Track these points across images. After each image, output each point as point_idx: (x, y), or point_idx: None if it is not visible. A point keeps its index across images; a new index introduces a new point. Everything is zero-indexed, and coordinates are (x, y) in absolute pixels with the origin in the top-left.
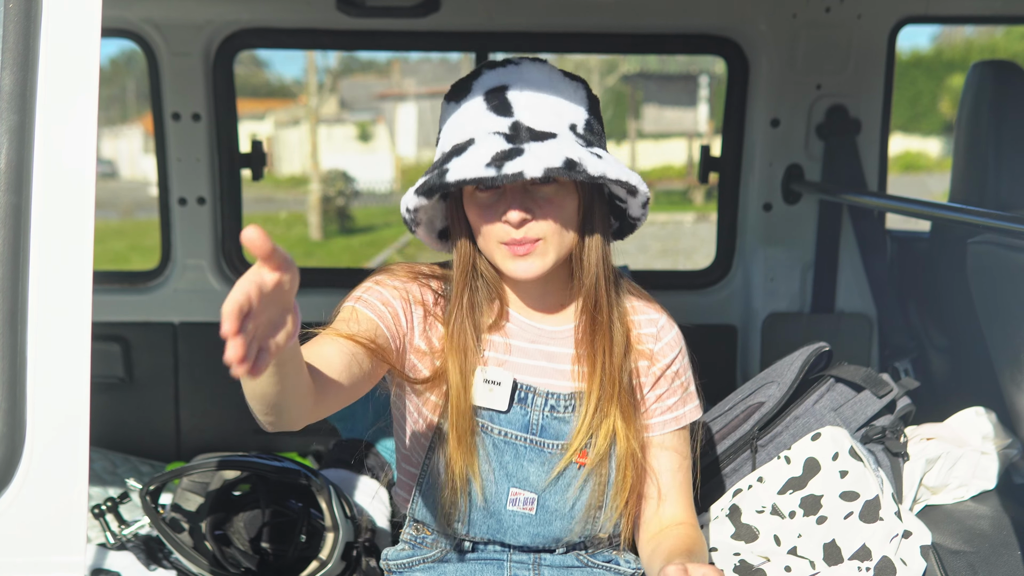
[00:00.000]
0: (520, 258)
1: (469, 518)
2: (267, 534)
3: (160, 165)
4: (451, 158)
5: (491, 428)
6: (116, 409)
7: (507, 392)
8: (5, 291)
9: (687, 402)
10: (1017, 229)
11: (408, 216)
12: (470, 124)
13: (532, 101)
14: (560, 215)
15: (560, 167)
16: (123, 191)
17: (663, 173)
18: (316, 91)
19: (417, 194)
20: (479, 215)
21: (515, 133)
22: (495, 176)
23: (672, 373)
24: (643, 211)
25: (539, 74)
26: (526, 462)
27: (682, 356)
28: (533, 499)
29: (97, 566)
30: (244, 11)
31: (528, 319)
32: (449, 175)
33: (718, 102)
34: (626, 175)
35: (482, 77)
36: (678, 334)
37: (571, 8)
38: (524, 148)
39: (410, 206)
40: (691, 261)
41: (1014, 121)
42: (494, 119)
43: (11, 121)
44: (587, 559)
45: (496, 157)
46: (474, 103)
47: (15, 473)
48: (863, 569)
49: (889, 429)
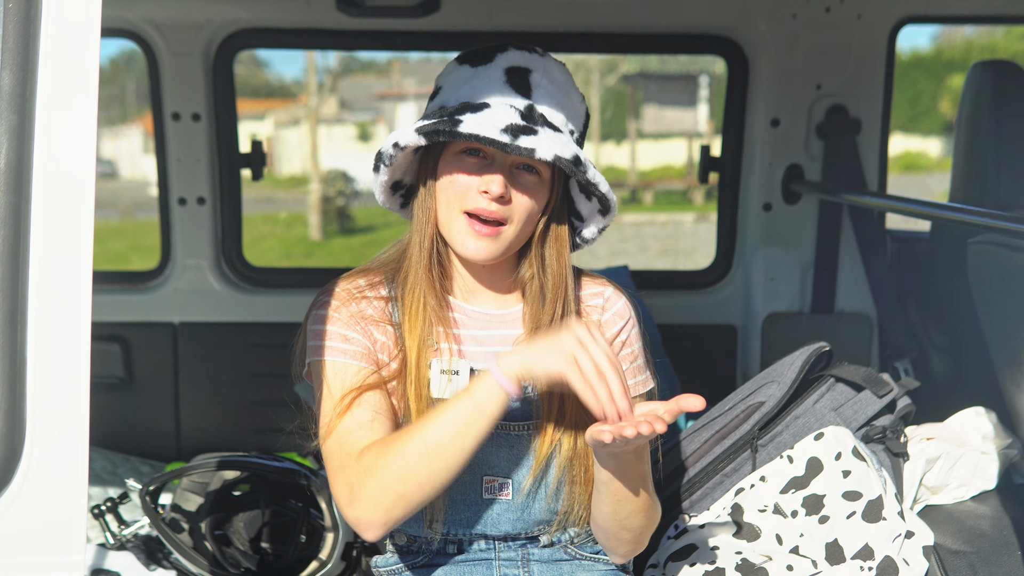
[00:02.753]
0: (478, 236)
1: (446, 515)
2: (267, 534)
3: (160, 165)
4: (464, 112)
5: None
6: (116, 409)
7: (466, 380)
8: (5, 291)
9: (636, 374)
10: (1017, 229)
11: (389, 152)
12: (486, 90)
13: (550, 94)
14: (530, 207)
15: (569, 159)
16: (123, 191)
17: (663, 173)
18: (316, 91)
19: (418, 132)
20: (456, 176)
21: (530, 114)
22: (507, 144)
23: (620, 342)
24: (596, 235)
25: (560, 74)
26: (494, 448)
27: (630, 326)
28: (507, 483)
29: (97, 566)
30: (244, 11)
31: (474, 306)
32: (463, 126)
33: (718, 102)
34: (611, 195)
35: (507, 53)
36: (626, 304)
37: (571, 8)
38: (538, 130)
39: (401, 142)
40: (691, 261)
41: (1014, 121)
42: (513, 95)
43: (11, 121)
44: (575, 551)
45: (512, 128)
46: (493, 73)
47: (15, 473)
48: (865, 569)
49: (889, 429)
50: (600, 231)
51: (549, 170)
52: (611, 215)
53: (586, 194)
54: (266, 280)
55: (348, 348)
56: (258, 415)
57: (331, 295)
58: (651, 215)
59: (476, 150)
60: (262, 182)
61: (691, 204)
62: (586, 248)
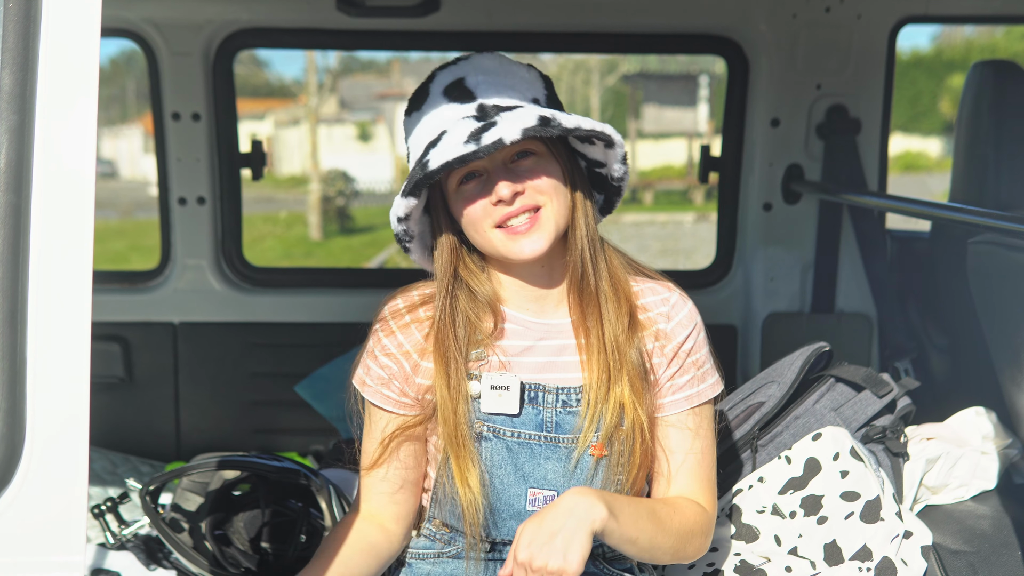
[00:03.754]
0: (522, 236)
1: (489, 522)
2: (267, 534)
3: (160, 165)
4: (428, 151)
5: (504, 432)
6: (116, 409)
7: (516, 395)
8: (5, 291)
9: (703, 380)
10: (1017, 229)
11: (400, 229)
12: (437, 120)
13: (491, 85)
14: (549, 182)
15: (536, 124)
16: (123, 191)
17: (663, 173)
18: (316, 91)
19: (404, 196)
20: (468, 208)
21: (483, 113)
22: (476, 149)
23: (686, 351)
24: (624, 168)
25: (492, 62)
26: (542, 460)
27: (696, 332)
28: (553, 496)
29: (97, 566)
30: (244, 11)
31: (530, 316)
32: (431, 164)
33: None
34: (600, 126)
35: (436, 79)
36: (692, 310)
37: (571, 8)
38: (496, 120)
39: (400, 213)
40: (691, 261)
41: (1014, 121)
42: (459, 107)
43: (11, 121)
44: (604, 566)
45: (472, 134)
46: (436, 102)
47: (15, 473)
48: (864, 569)
49: (889, 429)
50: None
51: (541, 144)
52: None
53: (588, 140)
54: (266, 280)
55: (384, 393)
56: (258, 415)
57: (380, 321)
58: (651, 215)
59: (468, 176)
60: (262, 182)
61: (691, 204)
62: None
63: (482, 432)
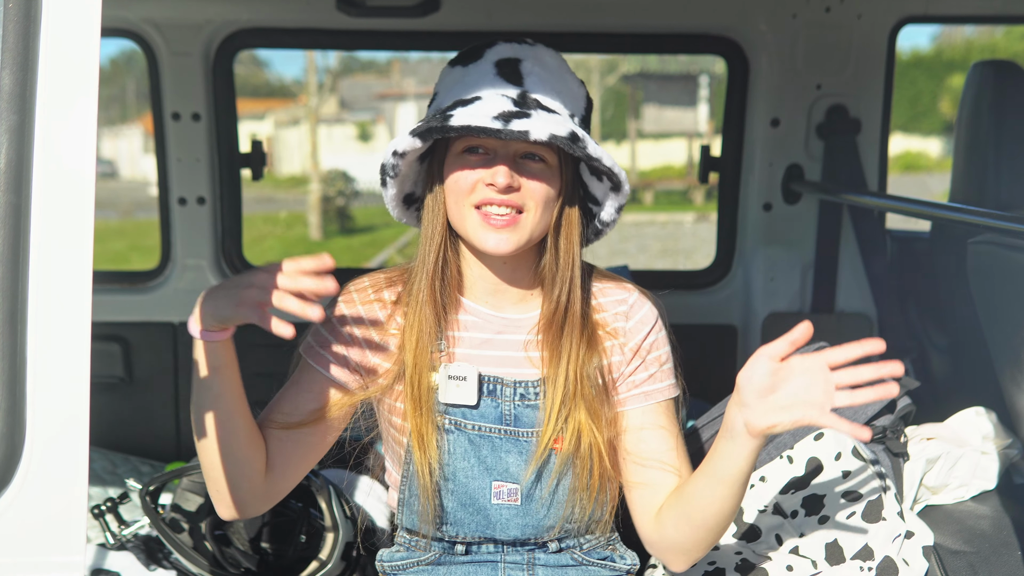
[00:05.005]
0: (494, 229)
1: (455, 518)
2: (267, 534)
3: (160, 165)
4: (455, 108)
5: (464, 424)
6: (116, 409)
7: (474, 386)
8: (5, 291)
9: (662, 379)
10: (1017, 229)
11: (392, 162)
12: (477, 85)
13: (543, 79)
14: (544, 192)
15: (565, 137)
16: (123, 191)
17: (663, 173)
18: (316, 91)
19: (412, 135)
20: (461, 174)
21: (523, 101)
22: (500, 129)
23: (647, 348)
24: (616, 215)
25: (552, 59)
26: (504, 453)
27: (656, 331)
28: (516, 489)
29: (97, 566)
30: (244, 11)
31: (489, 309)
32: (454, 120)
33: (718, 102)
34: (618, 169)
35: (496, 47)
36: (651, 310)
37: (571, 8)
38: (531, 113)
39: (399, 148)
40: (691, 261)
41: (1014, 121)
42: (504, 84)
43: (11, 121)
44: (582, 557)
45: (504, 114)
46: (484, 68)
47: (15, 473)
48: (865, 569)
49: (889, 429)
50: (618, 210)
51: (555, 156)
52: (624, 190)
53: (597, 175)
54: None
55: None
56: (258, 415)
57: (345, 294)
58: (651, 215)
59: (476, 147)
60: (262, 182)
61: (691, 204)
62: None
63: (443, 425)
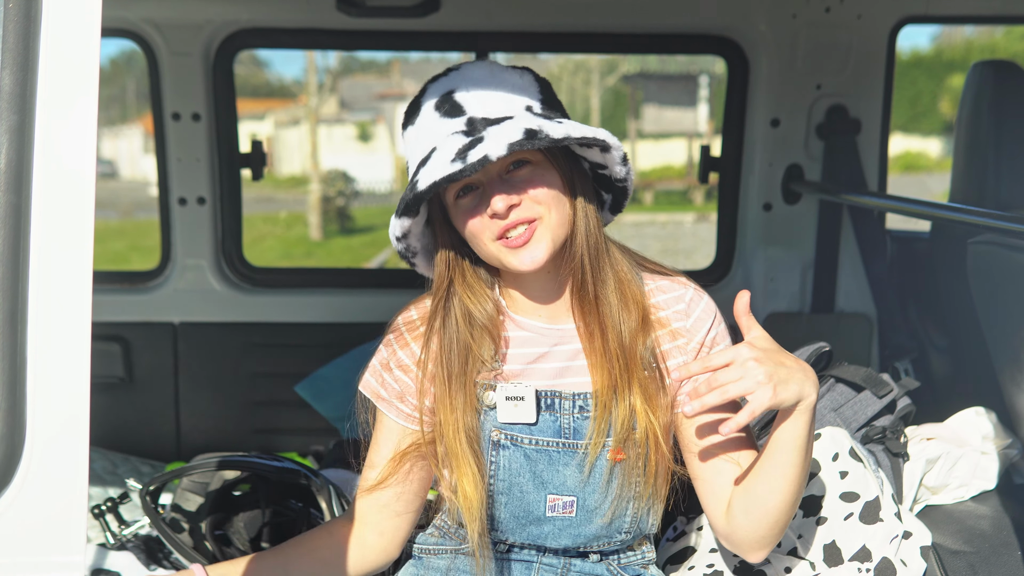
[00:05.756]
0: (520, 248)
1: (508, 527)
2: (267, 534)
3: (160, 165)
4: (418, 171)
5: (521, 440)
6: (116, 409)
7: (532, 404)
8: (5, 291)
9: None
10: (1017, 229)
11: (400, 247)
12: (428, 136)
13: (481, 96)
14: (546, 192)
15: (522, 138)
16: (123, 191)
17: (663, 173)
18: (316, 91)
19: (398, 216)
20: (467, 221)
21: (472, 127)
22: (462, 168)
23: (708, 343)
24: (625, 169)
25: (481, 71)
26: (561, 467)
27: (717, 323)
28: (572, 501)
29: (97, 566)
30: (244, 11)
31: (542, 323)
32: (420, 184)
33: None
34: (592, 131)
35: (427, 92)
36: (709, 303)
37: (571, 8)
38: (483, 135)
39: (397, 233)
40: (691, 261)
41: (1014, 121)
42: (448, 122)
43: (11, 121)
44: (617, 570)
45: (459, 151)
46: (427, 117)
47: (15, 473)
48: (863, 570)
49: (889, 429)
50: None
51: (537, 153)
52: (613, 148)
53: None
54: (266, 280)
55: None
56: (258, 415)
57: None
58: (651, 215)
59: (465, 189)
60: (262, 182)
61: (691, 204)
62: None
63: (499, 440)
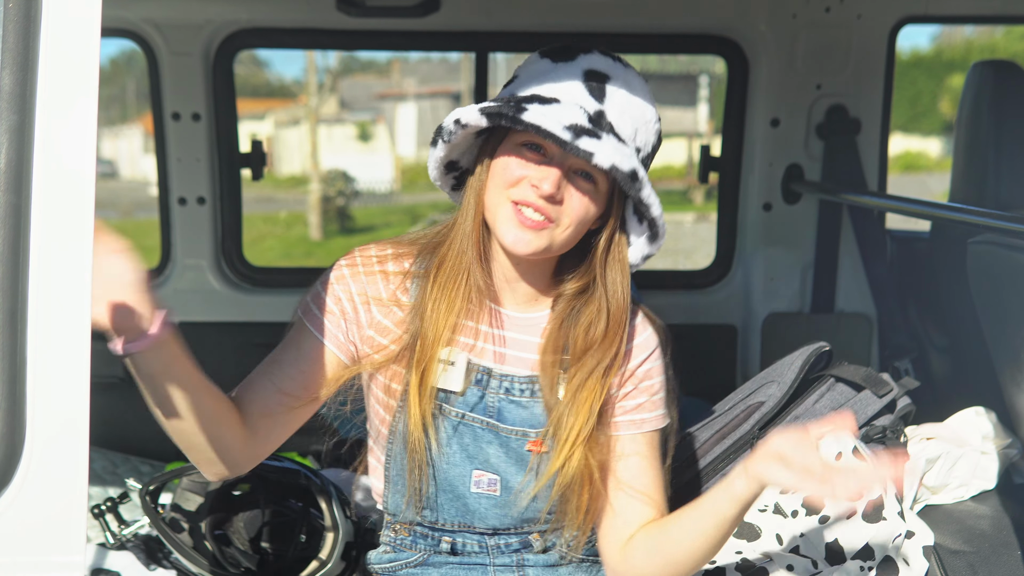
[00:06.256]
0: (522, 227)
1: (436, 502)
2: (267, 534)
3: (160, 165)
4: (532, 102)
5: (448, 410)
6: (116, 409)
7: (461, 372)
8: (5, 291)
9: (652, 408)
10: (1017, 229)
11: (450, 128)
12: (560, 87)
13: (624, 105)
14: (582, 213)
15: (626, 172)
16: (123, 191)
17: (663, 173)
18: (316, 91)
19: (481, 113)
20: (512, 164)
21: (598, 120)
22: (567, 142)
23: (639, 375)
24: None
25: (640, 87)
26: (485, 444)
27: (654, 359)
28: (496, 480)
29: (97, 566)
30: (244, 11)
31: (495, 304)
32: (527, 115)
33: (718, 102)
34: (662, 220)
35: (590, 56)
36: (652, 335)
37: (571, 8)
38: (602, 136)
39: (463, 119)
40: (691, 261)
41: (1014, 121)
42: (585, 97)
43: (11, 121)
44: (571, 556)
45: (576, 127)
46: (572, 72)
47: (15, 473)
48: (865, 569)
49: (889, 429)
50: (644, 259)
51: (607, 182)
52: (659, 243)
53: (638, 216)
54: (266, 280)
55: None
56: None
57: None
58: None
59: (537, 145)
60: (262, 182)
61: (691, 204)
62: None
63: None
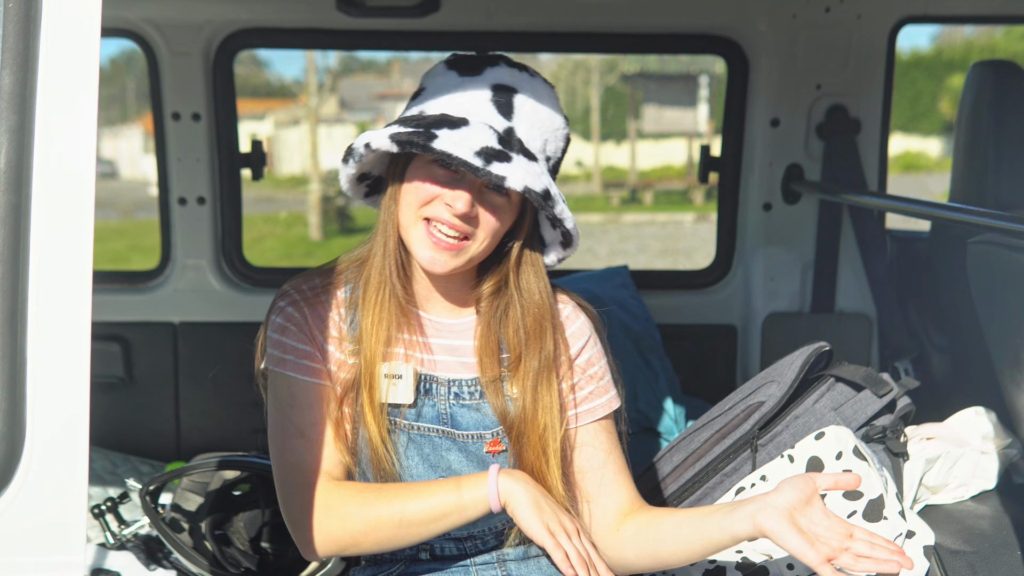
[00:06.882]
0: (437, 248)
1: None
2: (267, 534)
3: (160, 165)
4: (441, 126)
5: (402, 424)
6: (116, 409)
7: (410, 384)
8: (5, 291)
9: (601, 394)
10: (1017, 229)
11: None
12: (468, 105)
13: (532, 117)
14: (495, 226)
15: (539, 192)
16: (123, 191)
17: (663, 173)
18: (316, 91)
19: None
20: (423, 184)
21: (508, 139)
22: (479, 168)
23: (583, 362)
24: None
25: (548, 96)
26: (444, 452)
27: (591, 345)
28: None
29: (97, 566)
30: (244, 11)
31: (428, 313)
32: (437, 143)
33: (718, 102)
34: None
35: (497, 69)
36: (585, 322)
37: (571, 8)
38: (512, 157)
39: (373, 144)
40: (691, 261)
41: (1014, 121)
42: (494, 114)
43: (11, 121)
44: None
45: (486, 151)
46: (479, 87)
47: (15, 473)
48: None
49: (889, 429)
50: (559, 260)
51: (519, 194)
52: (572, 248)
53: (552, 222)
54: (266, 280)
55: (307, 365)
56: (258, 415)
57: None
58: (651, 215)
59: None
60: (262, 182)
61: (691, 204)
62: (585, 247)
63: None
